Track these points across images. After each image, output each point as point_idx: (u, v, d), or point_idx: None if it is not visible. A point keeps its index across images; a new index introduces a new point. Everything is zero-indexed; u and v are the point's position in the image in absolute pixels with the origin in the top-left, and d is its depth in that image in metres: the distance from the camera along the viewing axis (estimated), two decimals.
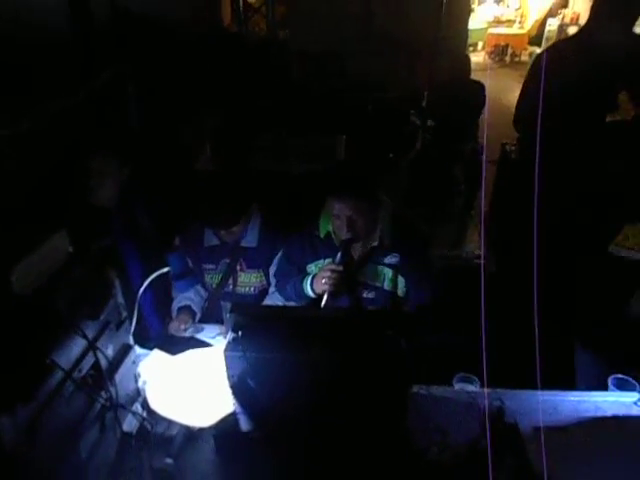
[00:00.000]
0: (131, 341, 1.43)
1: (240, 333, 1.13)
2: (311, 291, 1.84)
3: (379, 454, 1.20)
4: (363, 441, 1.19)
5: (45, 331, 1.05)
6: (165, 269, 1.89)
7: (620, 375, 1.47)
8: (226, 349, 1.14)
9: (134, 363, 1.43)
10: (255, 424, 1.24)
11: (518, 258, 1.65)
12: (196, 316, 2.02)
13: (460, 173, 3.66)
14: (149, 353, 1.63)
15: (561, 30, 8.86)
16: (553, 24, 9.28)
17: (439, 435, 1.32)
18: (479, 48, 10.04)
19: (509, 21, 10.56)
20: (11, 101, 1.94)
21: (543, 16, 9.73)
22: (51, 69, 2.14)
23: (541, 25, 9.64)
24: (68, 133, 2.09)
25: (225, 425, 1.31)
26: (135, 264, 2.04)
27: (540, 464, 1.18)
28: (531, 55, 9.14)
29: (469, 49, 7.62)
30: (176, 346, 1.66)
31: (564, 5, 9.52)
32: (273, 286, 2.07)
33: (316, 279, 1.81)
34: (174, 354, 1.62)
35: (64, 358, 1.08)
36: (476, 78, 4.17)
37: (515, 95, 2.78)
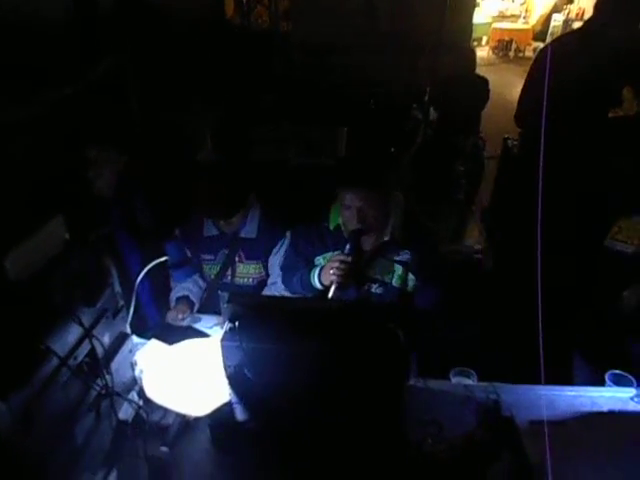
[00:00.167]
0: (128, 330, 1.43)
1: (237, 323, 1.13)
2: (318, 283, 1.81)
3: (375, 445, 1.21)
4: (359, 432, 1.19)
5: (40, 317, 1.04)
6: (163, 258, 1.89)
7: (617, 371, 1.47)
8: (223, 339, 1.14)
9: (131, 352, 1.43)
10: (251, 414, 1.24)
11: (518, 253, 1.65)
12: (194, 306, 2.02)
13: (461, 168, 3.64)
14: (146, 342, 1.63)
15: (566, 26, 8.80)
16: (558, 19, 9.23)
17: (435, 427, 1.33)
18: (483, 43, 9.98)
19: (514, 16, 10.49)
20: (11, 88, 1.93)
21: (548, 11, 9.67)
22: (53, 57, 2.13)
23: (546, 20, 9.57)
24: (67, 122, 2.08)
25: (221, 415, 1.31)
26: (133, 253, 2.04)
27: (535, 458, 1.19)
28: (535, 51, 9.08)
29: (473, 44, 7.56)
30: (173, 336, 1.66)
31: (569, 0, 9.45)
32: (272, 277, 2.07)
33: (324, 270, 1.78)
34: (171, 343, 1.62)
35: (60, 345, 1.07)
36: (479, 73, 4.15)
37: (518, 90, 2.77)
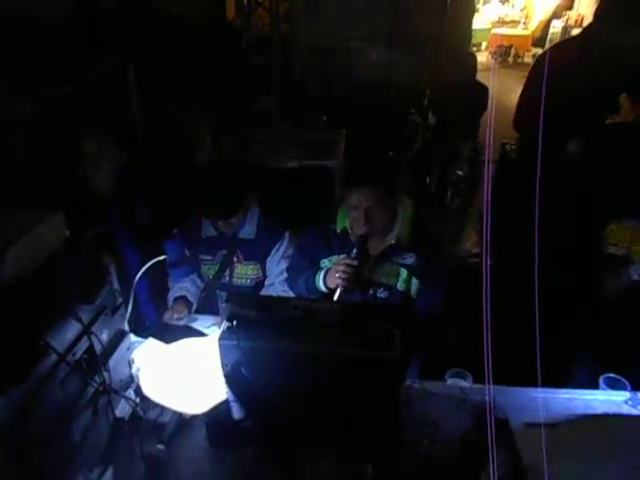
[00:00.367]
0: (126, 327, 1.44)
1: (235, 322, 1.14)
2: (323, 285, 1.81)
3: (371, 445, 1.21)
4: (355, 432, 1.20)
5: (39, 313, 1.05)
6: (162, 257, 1.89)
7: (611, 374, 1.48)
8: (220, 338, 1.14)
9: (128, 349, 1.43)
10: (247, 412, 1.25)
11: (516, 257, 1.66)
12: (192, 306, 2.02)
13: (459, 172, 3.67)
14: (144, 341, 1.64)
15: (565, 32, 8.82)
16: (557, 26, 9.25)
17: (431, 428, 1.33)
18: (483, 48, 10.02)
19: (513, 22, 10.52)
20: (13, 84, 1.93)
21: (548, 17, 9.69)
22: (54, 55, 2.13)
23: (545, 26, 9.59)
24: (68, 118, 2.09)
25: (217, 413, 1.32)
26: (132, 252, 2.04)
27: (529, 460, 1.19)
28: (534, 56, 9.12)
29: (473, 49, 7.60)
30: (171, 335, 1.67)
31: (569, 7, 9.49)
32: (269, 279, 2.07)
33: (330, 273, 1.78)
34: (168, 342, 1.62)
35: (58, 341, 1.08)
36: (478, 78, 4.17)
37: (516, 96, 2.78)
